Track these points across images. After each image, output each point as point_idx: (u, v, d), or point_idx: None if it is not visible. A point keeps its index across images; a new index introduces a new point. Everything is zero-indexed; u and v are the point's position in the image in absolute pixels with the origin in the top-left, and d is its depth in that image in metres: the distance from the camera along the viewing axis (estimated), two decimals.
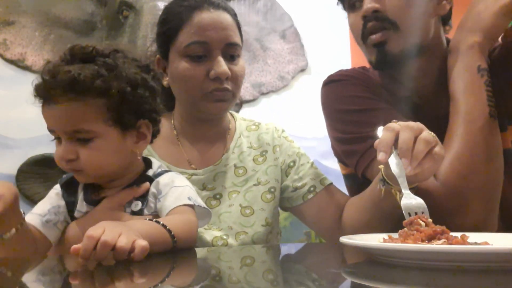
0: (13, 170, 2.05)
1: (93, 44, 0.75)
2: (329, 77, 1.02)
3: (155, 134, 0.83)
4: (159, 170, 0.84)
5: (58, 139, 0.76)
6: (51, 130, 0.76)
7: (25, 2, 2.16)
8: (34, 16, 2.17)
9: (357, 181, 0.95)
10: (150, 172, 0.82)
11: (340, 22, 1.18)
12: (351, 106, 0.93)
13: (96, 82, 0.70)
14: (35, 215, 0.78)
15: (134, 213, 0.78)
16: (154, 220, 0.69)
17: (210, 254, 0.77)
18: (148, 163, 0.84)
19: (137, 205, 0.78)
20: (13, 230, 0.68)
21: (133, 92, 0.74)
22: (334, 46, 2.70)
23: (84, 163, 0.73)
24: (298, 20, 2.70)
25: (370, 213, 0.86)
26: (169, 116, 1.03)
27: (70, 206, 0.80)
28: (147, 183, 0.79)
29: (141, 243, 0.57)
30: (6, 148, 2.07)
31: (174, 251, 0.70)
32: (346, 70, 1.04)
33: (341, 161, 1.08)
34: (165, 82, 0.97)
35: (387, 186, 0.76)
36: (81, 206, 0.80)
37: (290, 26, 2.69)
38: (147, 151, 0.96)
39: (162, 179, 0.80)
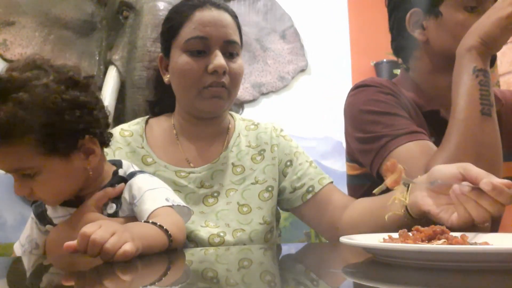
0: None
1: (9, 70, 0.70)
2: (362, 81, 1.06)
3: (106, 142, 0.80)
4: (131, 170, 0.83)
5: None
6: None
7: (25, 2, 2.16)
8: (34, 17, 2.16)
9: (369, 180, 0.95)
10: (121, 172, 0.82)
11: (340, 22, 1.18)
12: (375, 108, 0.97)
13: (16, 126, 0.66)
14: (19, 244, 0.84)
15: (109, 215, 0.78)
16: (150, 221, 0.69)
17: (209, 255, 0.77)
18: (118, 164, 0.83)
19: (112, 208, 0.78)
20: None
21: (60, 119, 0.69)
22: (334, 46, 2.70)
23: (40, 195, 0.74)
24: (298, 20, 2.70)
25: (378, 224, 0.85)
26: (170, 116, 1.04)
27: (41, 217, 0.80)
28: (122, 184, 0.79)
29: (127, 247, 0.57)
30: None
31: (169, 251, 0.70)
32: (380, 79, 1.09)
33: (356, 161, 1.09)
34: (166, 79, 0.99)
35: (408, 217, 0.76)
36: (54, 212, 0.80)
37: (290, 26, 2.69)
38: (145, 151, 0.97)
39: (134, 183, 0.79)
